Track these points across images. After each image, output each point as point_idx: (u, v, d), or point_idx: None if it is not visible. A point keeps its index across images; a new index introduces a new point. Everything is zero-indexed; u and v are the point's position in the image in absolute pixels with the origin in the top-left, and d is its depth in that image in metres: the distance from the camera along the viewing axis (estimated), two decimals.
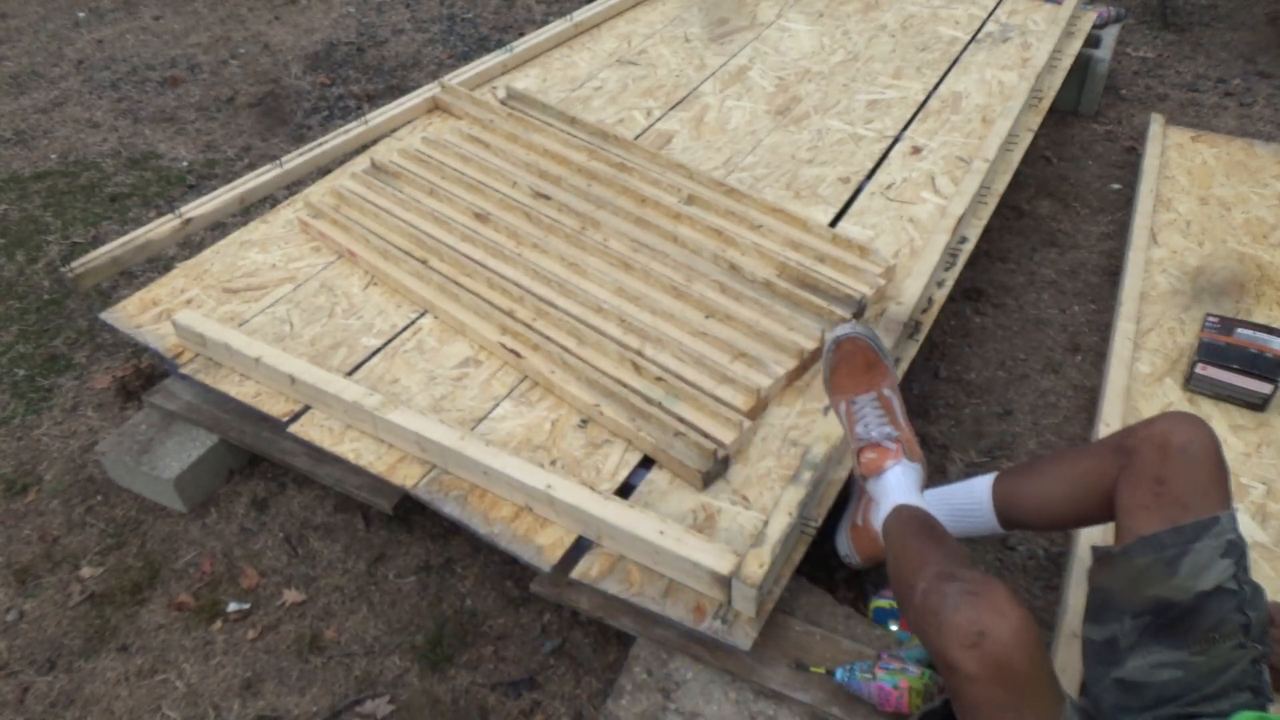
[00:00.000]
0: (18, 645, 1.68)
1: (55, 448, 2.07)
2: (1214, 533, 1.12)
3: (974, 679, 0.99)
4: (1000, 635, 0.98)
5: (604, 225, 2.07)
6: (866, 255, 1.98)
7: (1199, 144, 2.77)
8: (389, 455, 1.64)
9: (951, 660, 1.00)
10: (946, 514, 1.46)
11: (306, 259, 2.08)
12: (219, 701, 1.59)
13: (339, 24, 4.07)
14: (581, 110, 2.60)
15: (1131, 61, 3.67)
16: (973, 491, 1.45)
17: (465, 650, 1.65)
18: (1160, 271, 2.26)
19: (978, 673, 0.98)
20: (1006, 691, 0.98)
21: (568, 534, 1.50)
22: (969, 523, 1.46)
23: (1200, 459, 1.17)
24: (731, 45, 2.97)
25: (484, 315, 1.85)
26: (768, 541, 1.40)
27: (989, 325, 2.37)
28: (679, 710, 1.40)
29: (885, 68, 2.83)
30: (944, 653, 1.01)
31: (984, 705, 1.00)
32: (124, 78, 3.63)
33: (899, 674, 1.33)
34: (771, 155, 2.42)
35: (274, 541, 1.84)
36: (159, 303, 1.96)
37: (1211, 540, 1.12)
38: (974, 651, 0.98)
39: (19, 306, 2.48)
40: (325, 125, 3.30)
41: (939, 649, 1.02)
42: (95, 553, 1.83)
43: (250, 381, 1.78)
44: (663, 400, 1.66)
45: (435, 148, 2.37)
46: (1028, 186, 2.88)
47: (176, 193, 2.94)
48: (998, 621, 0.99)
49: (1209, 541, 1.12)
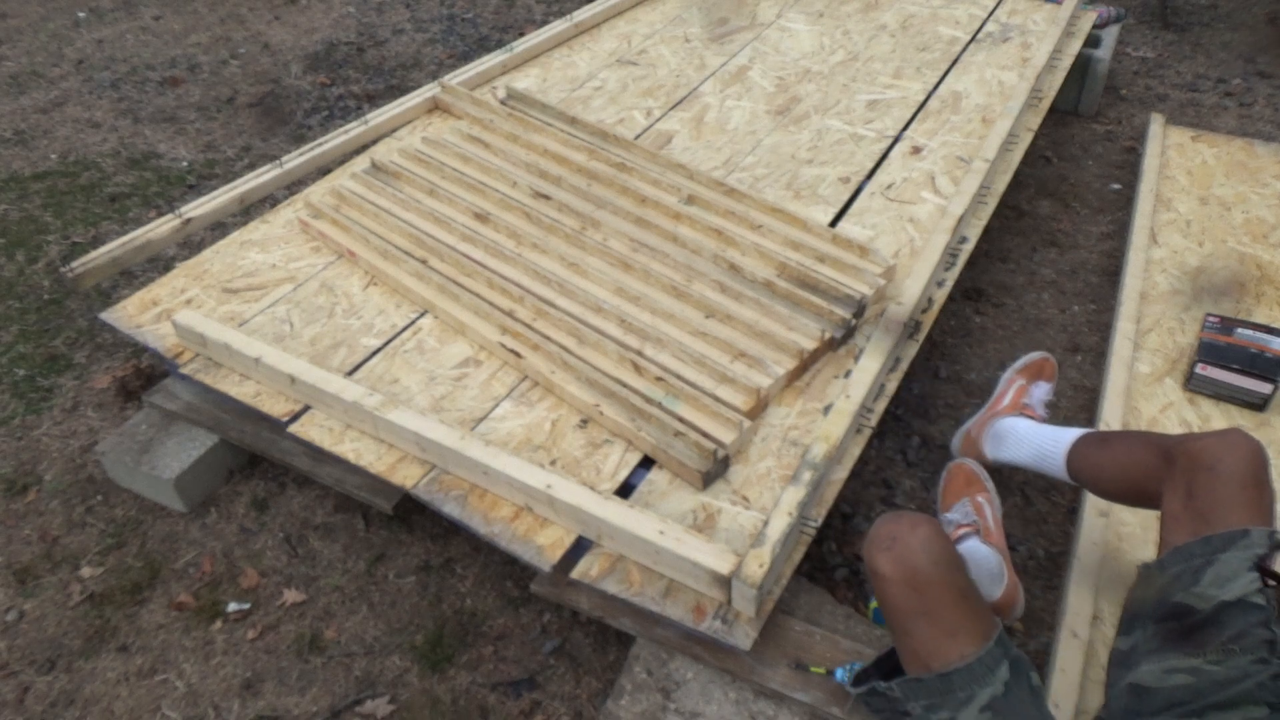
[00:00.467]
0: (18, 645, 1.68)
1: (55, 448, 2.07)
2: (1242, 545, 1.12)
3: (889, 579, 1.12)
4: (909, 541, 1.13)
5: (604, 225, 2.07)
6: (866, 255, 1.98)
7: (1199, 144, 2.77)
8: (389, 455, 1.64)
9: (873, 565, 1.14)
10: (1030, 452, 1.66)
11: (306, 259, 2.08)
12: (219, 701, 1.59)
13: (339, 24, 4.07)
14: (581, 110, 2.60)
15: (1131, 61, 3.67)
16: (1058, 440, 1.60)
17: (465, 650, 1.65)
18: (1160, 271, 2.26)
19: (890, 572, 1.12)
20: (916, 594, 1.10)
21: (568, 534, 1.50)
22: (1046, 465, 1.62)
23: (1229, 476, 1.18)
24: (731, 45, 2.97)
25: (484, 315, 1.85)
26: (768, 541, 1.40)
27: (989, 325, 2.37)
28: (679, 710, 1.40)
29: (885, 68, 2.83)
30: (869, 560, 1.15)
31: (900, 608, 1.12)
32: (124, 78, 3.63)
33: None
34: (771, 155, 2.42)
35: (274, 541, 1.84)
36: (159, 303, 1.96)
37: (1239, 552, 1.12)
38: (888, 555, 1.13)
39: (19, 306, 2.48)
40: (325, 125, 3.30)
41: (867, 558, 1.16)
42: (95, 553, 1.83)
43: (250, 381, 1.78)
44: (663, 400, 1.66)
45: (435, 148, 2.37)
46: (1028, 186, 2.88)
47: (176, 193, 2.94)
48: (909, 531, 1.14)
49: (1236, 554, 1.12)
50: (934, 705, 1.09)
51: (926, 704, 1.10)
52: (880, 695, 1.15)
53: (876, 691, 1.15)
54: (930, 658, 1.09)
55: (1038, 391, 1.86)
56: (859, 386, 1.68)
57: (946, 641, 1.09)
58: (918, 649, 1.11)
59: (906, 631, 1.12)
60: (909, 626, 1.12)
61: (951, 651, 1.08)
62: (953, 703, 1.08)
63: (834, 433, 1.58)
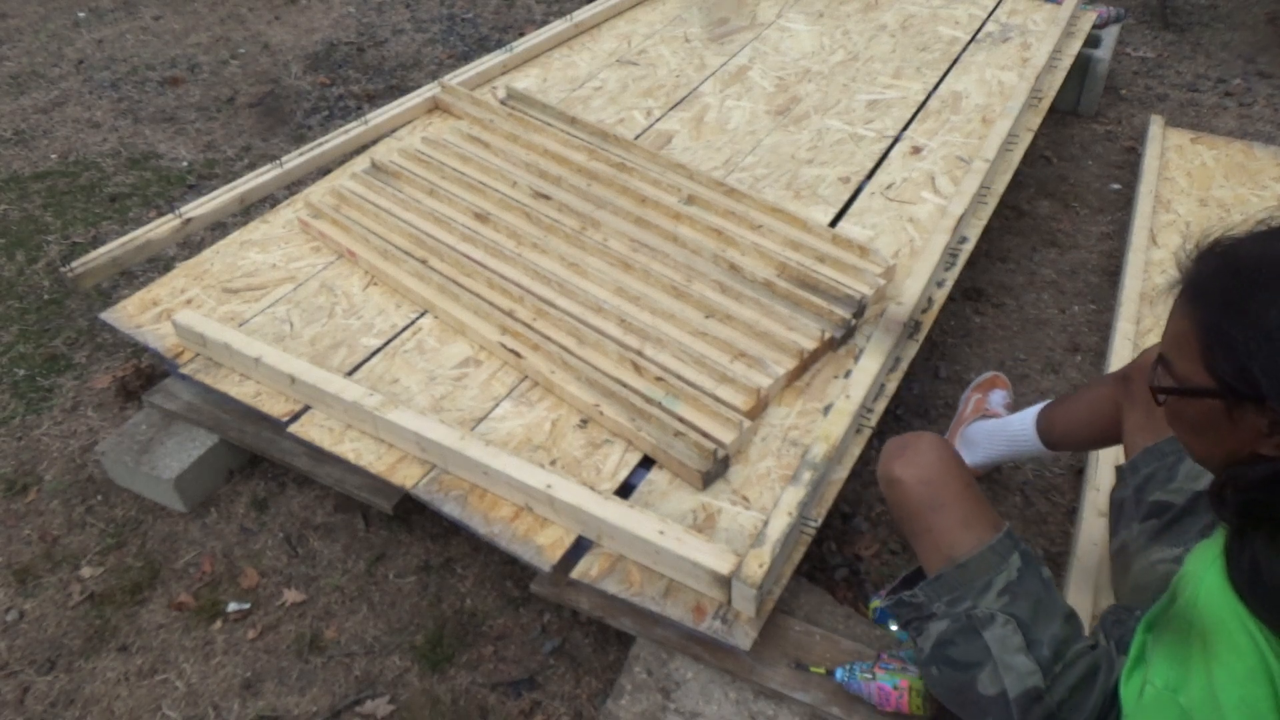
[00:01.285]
0: (18, 645, 1.68)
1: (55, 448, 2.07)
2: None
3: (904, 480, 1.20)
4: (918, 445, 1.23)
5: (604, 225, 2.07)
6: (866, 255, 1.98)
7: (1198, 146, 2.78)
8: (389, 455, 1.64)
9: (889, 475, 1.23)
10: (1003, 441, 1.75)
11: (306, 259, 2.08)
12: (219, 701, 1.59)
13: (339, 24, 4.07)
14: (581, 110, 2.60)
15: (1131, 61, 3.67)
16: (1024, 420, 1.69)
17: (465, 650, 1.65)
18: (1160, 273, 2.26)
19: (905, 474, 1.21)
20: (931, 489, 1.19)
21: (568, 534, 1.50)
22: (1021, 447, 1.71)
23: None
24: (731, 45, 2.97)
25: (484, 315, 1.85)
26: (768, 541, 1.40)
27: (989, 325, 2.37)
28: (679, 710, 1.40)
29: (885, 68, 2.83)
30: (885, 474, 1.24)
31: (918, 506, 1.19)
32: (124, 78, 3.63)
33: (899, 674, 1.33)
34: (771, 155, 2.42)
35: (274, 541, 1.84)
36: (159, 303, 1.96)
37: None
38: (901, 460, 1.22)
39: (19, 306, 2.48)
40: (325, 125, 3.30)
41: (883, 474, 1.25)
42: (95, 553, 1.83)
43: (250, 381, 1.78)
44: (663, 400, 1.66)
45: (435, 148, 2.37)
46: (1028, 186, 2.88)
47: (176, 193, 2.94)
48: (916, 439, 1.25)
49: None
50: (956, 598, 1.15)
51: (949, 599, 1.15)
52: (907, 605, 1.20)
53: (903, 602, 1.20)
54: (950, 548, 1.16)
55: (996, 398, 1.96)
56: (859, 386, 1.68)
57: (963, 531, 1.16)
58: (938, 542, 1.17)
59: (927, 529, 1.19)
60: (929, 523, 1.19)
61: (969, 538, 1.15)
62: (972, 592, 1.14)
63: (834, 433, 1.58)
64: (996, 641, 1.10)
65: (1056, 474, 1.95)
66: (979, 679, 1.11)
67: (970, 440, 1.84)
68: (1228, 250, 0.87)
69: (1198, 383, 0.85)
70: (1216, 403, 0.84)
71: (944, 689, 1.17)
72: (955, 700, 1.17)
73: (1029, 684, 1.08)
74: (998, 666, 1.09)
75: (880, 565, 1.77)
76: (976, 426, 1.85)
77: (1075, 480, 1.93)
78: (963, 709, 1.17)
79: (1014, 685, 1.08)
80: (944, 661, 1.15)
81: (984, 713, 1.12)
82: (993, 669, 1.10)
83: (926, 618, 1.18)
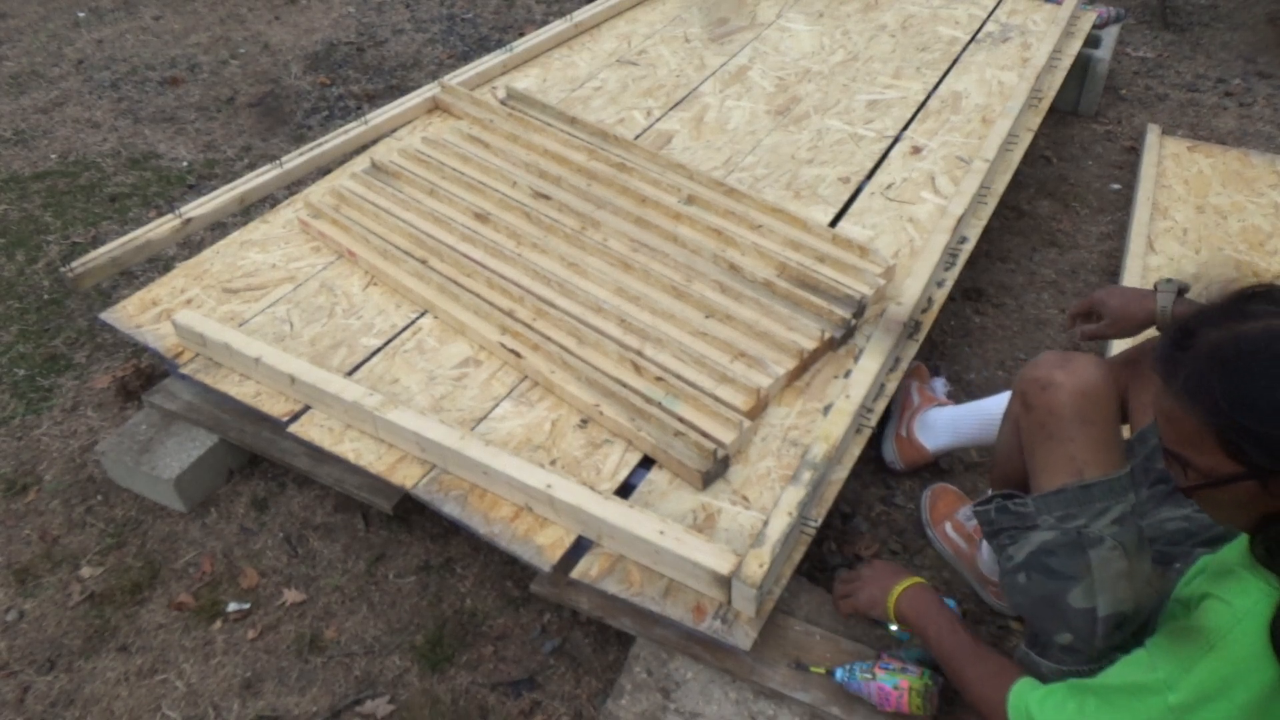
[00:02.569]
0: (18, 645, 1.68)
1: (55, 448, 2.06)
2: None
3: (1063, 385, 1.21)
4: (1082, 360, 1.24)
5: (604, 225, 2.07)
6: (866, 255, 1.98)
7: (1195, 154, 2.79)
8: (389, 455, 1.64)
9: (1048, 378, 1.23)
10: (974, 425, 1.78)
11: (306, 259, 2.08)
12: (219, 701, 1.59)
13: (339, 24, 4.07)
14: (581, 110, 2.60)
15: (1131, 61, 3.67)
16: (998, 403, 1.71)
17: (465, 650, 1.65)
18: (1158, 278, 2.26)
19: (1066, 380, 1.21)
20: (1088, 402, 1.20)
21: (568, 534, 1.50)
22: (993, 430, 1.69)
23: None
24: (731, 45, 2.97)
25: (484, 315, 1.85)
26: (768, 541, 1.40)
27: (989, 325, 2.37)
28: (679, 710, 1.40)
29: (885, 68, 2.83)
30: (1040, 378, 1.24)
31: (1069, 415, 1.20)
32: (124, 78, 3.63)
33: (899, 674, 1.33)
34: (771, 155, 2.42)
35: (274, 541, 1.84)
36: (159, 303, 1.96)
37: None
38: (1063, 369, 1.23)
39: (19, 306, 2.48)
40: (325, 125, 3.30)
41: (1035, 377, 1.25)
42: (95, 553, 1.83)
43: (250, 381, 1.78)
44: (663, 400, 1.66)
45: (435, 148, 2.37)
46: (1028, 186, 2.88)
47: (176, 193, 2.94)
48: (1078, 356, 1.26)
49: None
50: (1069, 515, 1.18)
51: (1062, 514, 1.19)
52: (1010, 513, 1.24)
53: (1007, 510, 1.24)
54: (1086, 464, 1.19)
55: (938, 385, 2.02)
56: (859, 386, 1.68)
57: (1102, 450, 1.19)
58: (1074, 454, 1.19)
59: (1069, 438, 1.20)
60: (1073, 433, 1.20)
61: (1103, 461, 1.19)
62: (1090, 512, 1.17)
63: (834, 433, 1.58)
64: (1101, 562, 1.15)
65: None
66: (1071, 592, 1.17)
67: (930, 424, 1.87)
68: (1208, 348, 0.93)
69: (1228, 472, 0.92)
70: (1251, 483, 0.92)
71: (1028, 595, 1.22)
72: (1038, 610, 1.22)
73: (1122, 608, 1.15)
74: (1095, 584, 1.15)
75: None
76: (937, 412, 1.88)
77: None
78: (1044, 618, 1.22)
79: (1106, 605, 1.15)
80: (1039, 569, 1.20)
81: (1065, 622, 1.19)
82: (1089, 585, 1.16)
83: (1029, 527, 1.21)
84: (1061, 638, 1.20)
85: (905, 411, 1.93)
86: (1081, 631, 1.17)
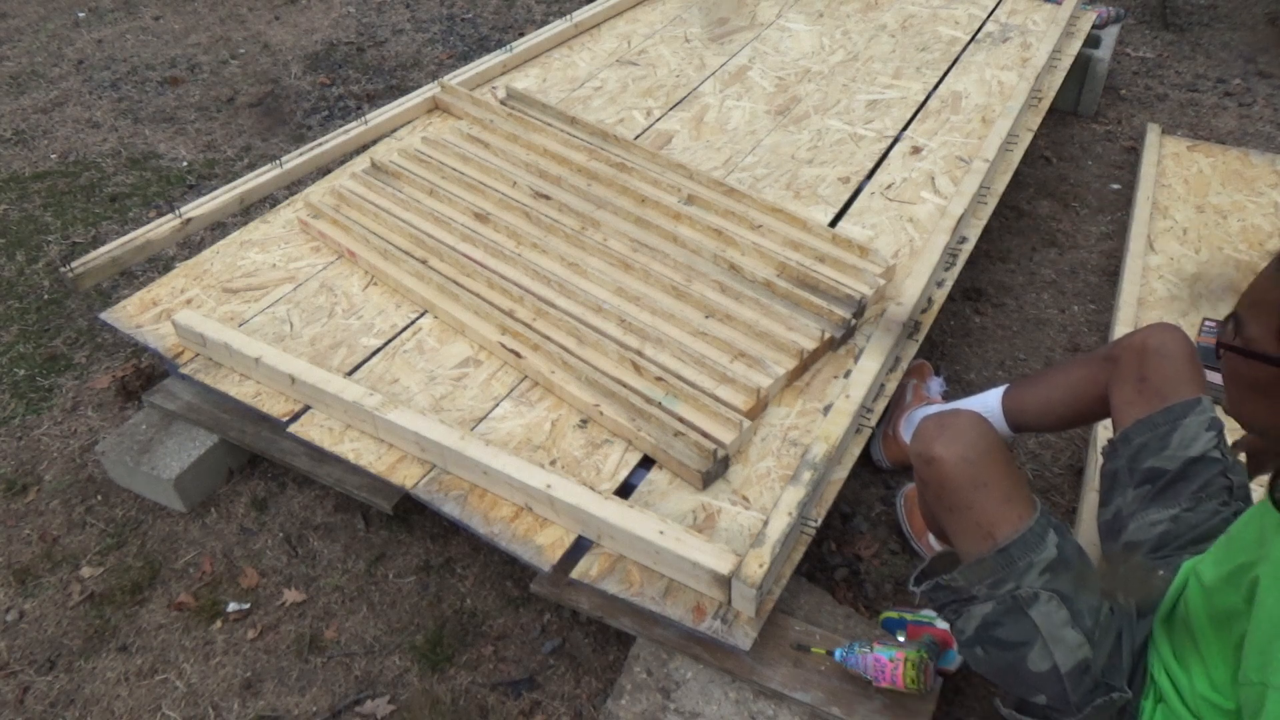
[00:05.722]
0: (18, 645, 1.68)
1: (55, 448, 2.07)
2: (1198, 411, 1.31)
3: (945, 458, 1.18)
4: (957, 423, 1.21)
5: (604, 225, 2.07)
6: (866, 255, 1.98)
7: (1195, 153, 2.78)
8: (389, 455, 1.64)
9: (928, 453, 1.20)
10: None
11: (306, 259, 2.08)
12: (219, 701, 1.59)
13: (339, 24, 4.07)
14: (581, 110, 2.60)
15: (1131, 61, 3.67)
16: (985, 402, 1.68)
17: (465, 650, 1.65)
18: (1158, 278, 2.26)
19: (946, 453, 1.18)
20: (973, 466, 1.17)
21: (567, 534, 1.50)
22: None
23: (1175, 356, 1.36)
24: (731, 45, 2.97)
25: (484, 315, 1.85)
26: (768, 541, 1.40)
27: (989, 325, 2.37)
28: (679, 710, 1.40)
29: (885, 68, 2.83)
30: (923, 453, 1.21)
31: (959, 484, 1.18)
32: (124, 78, 3.63)
33: (895, 647, 1.33)
34: (771, 155, 2.42)
35: (274, 541, 1.84)
36: (159, 303, 1.96)
37: (1197, 416, 1.31)
38: (940, 440, 1.20)
39: (19, 306, 2.48)
40: (325, 125, 3.30)
41: (919, 453, 1.22)
42: (95, 553, 1.83)
43: (250, 381, 1.78)
44: (663, 400, 1.66)
45: (435, 148, 2.37)
46: (1028, 186, 2.88)
47: (176, 193, 2.95)
48: (954, 418, 1.23)
49: (1195, 418, 1.31)
50: (999, 580, 1.16)
51: (991, 581, 1.16)
52: (945, 589, 1.21)
53: (941, 586, 1.21)
54: (993, 526, 1.16)
55: (934, 384, 2.00)
56: (859, 386, 1.68)
57: (1005, 507, 1.16)
58: (979, 519, 1.17)
59: (968, 506, 1.18)
60: (970, 500, 1.18)
61: (1010, 516, 1.16)
62: (1015, 573, 1.15)
63: (834, 433, 1.58)
64: (1044, 619, 1.13)
65: (1056, 474, 1.95)
66: (1029, 657, 1.14)
67: (915, 423, 1.85)
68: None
69: (1264, 349, 0.91)
70: (1277, 370, 0.90)
71: (991, 668, 1.20)
72: (1004, 679, 1.20)
73: (1080, 656, 1.12)
74: (1047, 643, 1.12)
75: (880, 565, 1.77)
76: (923, 411, 1.87)
77: (1075, 480, 1.93)
78: (1013, 687, 1.19)
79: (1065, 659, 1.12)
80: (990, 642, 1.17)
81: (1035, 689, 1.15)
82: (1042, 646, 1.13)
83: (967, 600, 1.19)
84: (1038, 699, 1.17)
85: (896, 410, 1.93)
86: (1052, 691, 1.14)
